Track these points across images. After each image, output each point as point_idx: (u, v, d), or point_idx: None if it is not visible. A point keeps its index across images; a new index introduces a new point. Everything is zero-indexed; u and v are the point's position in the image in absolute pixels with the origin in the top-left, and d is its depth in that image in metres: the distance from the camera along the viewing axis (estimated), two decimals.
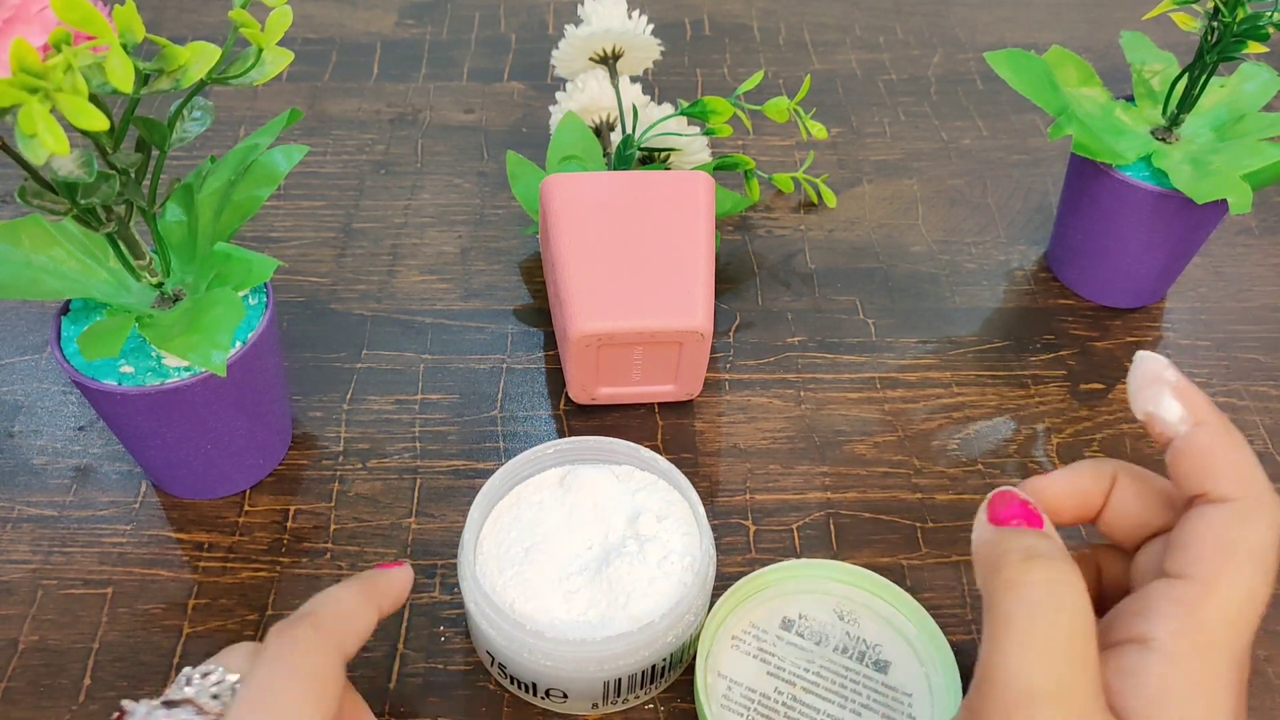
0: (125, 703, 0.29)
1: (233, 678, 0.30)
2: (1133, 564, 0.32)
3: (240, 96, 0.66)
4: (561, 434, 0.48)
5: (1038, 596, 0.27)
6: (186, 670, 0.30)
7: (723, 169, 0.56)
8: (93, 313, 0.41)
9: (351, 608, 0.33)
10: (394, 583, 0.36)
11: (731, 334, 0.53)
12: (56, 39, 0.28)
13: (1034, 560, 0.28)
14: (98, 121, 0.28)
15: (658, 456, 0.40)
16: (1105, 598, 0.33)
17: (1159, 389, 0.31)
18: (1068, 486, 0.33)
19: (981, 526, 0.31)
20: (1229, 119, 0.50)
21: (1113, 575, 0.34)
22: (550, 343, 0.52)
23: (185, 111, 0.36)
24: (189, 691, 0.30)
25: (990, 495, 0.31)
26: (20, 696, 0.38)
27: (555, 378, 0.50)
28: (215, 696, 0.30)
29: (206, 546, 0.43)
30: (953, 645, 0.38)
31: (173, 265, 0.41)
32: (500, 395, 0.49)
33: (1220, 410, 0.31)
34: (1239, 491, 0.29)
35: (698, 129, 0.55)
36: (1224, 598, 0.28)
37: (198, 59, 0.32)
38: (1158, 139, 0.50)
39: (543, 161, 0.55)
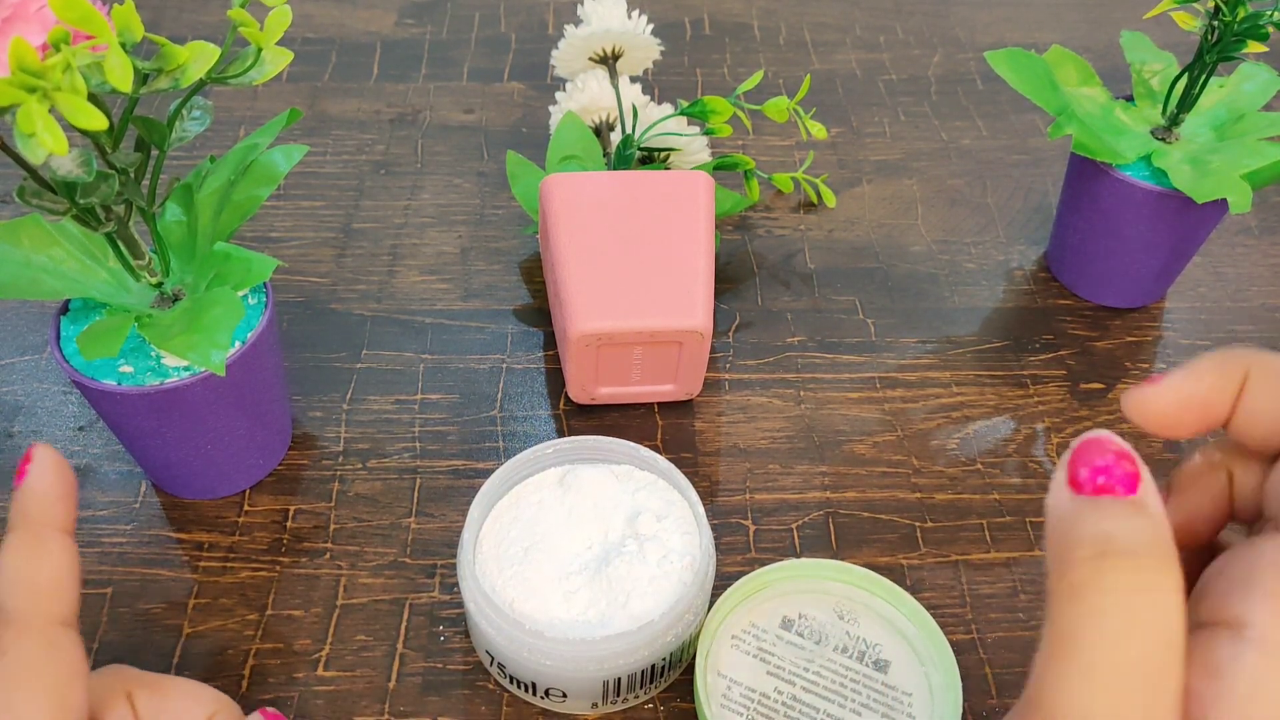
0: None
1: None
2: (1269, 482, 0.26)
3: (240, 96, 0.66)
4: (561, 434, 0.48)
5: (1109, 611, 0.21)
6: None
7: (723, 169, 0.56)
8: (92, 313, 0.41)
9: (27, 570, 0.28)
10: (40, 493, 0.29)
11: (731, 334, 0.53)
12: (55, 38, 0.28)
13: (1109, 560, 0.22)
14: (96, 121, 0.28)
15: (657, 456, 0.40)
16: (1239, 515, 0.27)
17: None
18: (1184, 394, 0.26)
19: (1057, 490, 0.23)
20: (1229, 119, 0.50)
21: (1249, 488, 0.27)
22: (550, 343, 0.52)
23: (184, 111, 0.36)
24: None
25: (1074, 444, 0.24)
26: None
27: (555, 378, 0.50)
28: None
29: (206, 546, 0.43)
30: (953, 645, 0.38)
31: (172, 265, 0.41)
32: (500, 395, 0.49)
33: None
34: None
35: (698, 129, 0.55)
36: None
37: (197, 58, 0.32)
38: (1158, 139, 0.50)
39: (543, 161, 0.55)
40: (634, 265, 0.45)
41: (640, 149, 0.54)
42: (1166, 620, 0.21)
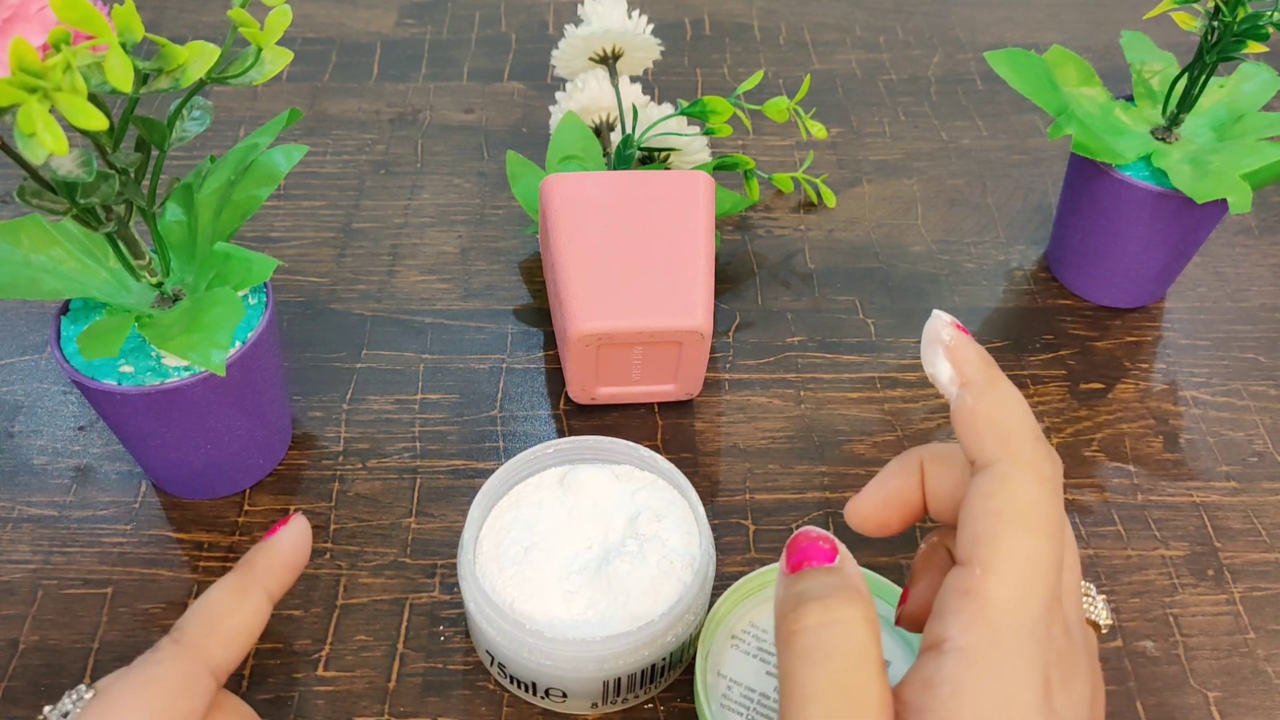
0: None
1: (90, 694, 0.30)
2: (956, 538, 0.30)
3: (240, 96, 0.66)
4: (561, 434, 0.48)
5: (809, 644, 0.26)
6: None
7: (723, 169, 0.56)
8: (93, 312, 0.41)
9: (221, 611, 0.32)
10: (274, 555, 0.33)
11: (731, 334, 0.53)
12: (55, 38, 0.28)
13: (804, 606, 0.27)
14: (97, 121, 0.28)
15: (657, 456, 0.40)
16: None
17: (935, 349, 0.29)
18: (880, 495, 0.31)
19: (778, 578, 0.29)
20: (1228, 119, 0.50)
21: None
22: (550, 343, 0.52)
23: (184, 111, 0.36)
24: (47, 710, 0.30)
25: (788, 542, 0.29)
26: (20, 696, 0.38)
27: (555, 378, 0.50)
28: (65, 715, 0.29)
29: (206, 546, 0.43)
30: None
31: (172, 265, 0.41)
32: (500, 395, 0.49)
33: (994, 367, 0.29)
34: (998, 452, 0.27)
35: (698, 129, 0.55)
36: (1004, 575, 0.26)
37: (197, 58, 0.32)
38: (1157, 139, 0.50)
39: (543, 161, 0.55)
40: (634, 265, 0.45)
41: (640, 149, 0.54)
42: (854, 641, 0.26)
